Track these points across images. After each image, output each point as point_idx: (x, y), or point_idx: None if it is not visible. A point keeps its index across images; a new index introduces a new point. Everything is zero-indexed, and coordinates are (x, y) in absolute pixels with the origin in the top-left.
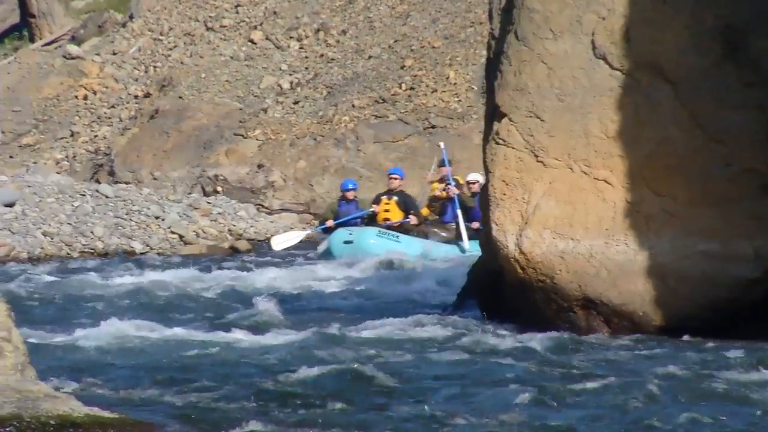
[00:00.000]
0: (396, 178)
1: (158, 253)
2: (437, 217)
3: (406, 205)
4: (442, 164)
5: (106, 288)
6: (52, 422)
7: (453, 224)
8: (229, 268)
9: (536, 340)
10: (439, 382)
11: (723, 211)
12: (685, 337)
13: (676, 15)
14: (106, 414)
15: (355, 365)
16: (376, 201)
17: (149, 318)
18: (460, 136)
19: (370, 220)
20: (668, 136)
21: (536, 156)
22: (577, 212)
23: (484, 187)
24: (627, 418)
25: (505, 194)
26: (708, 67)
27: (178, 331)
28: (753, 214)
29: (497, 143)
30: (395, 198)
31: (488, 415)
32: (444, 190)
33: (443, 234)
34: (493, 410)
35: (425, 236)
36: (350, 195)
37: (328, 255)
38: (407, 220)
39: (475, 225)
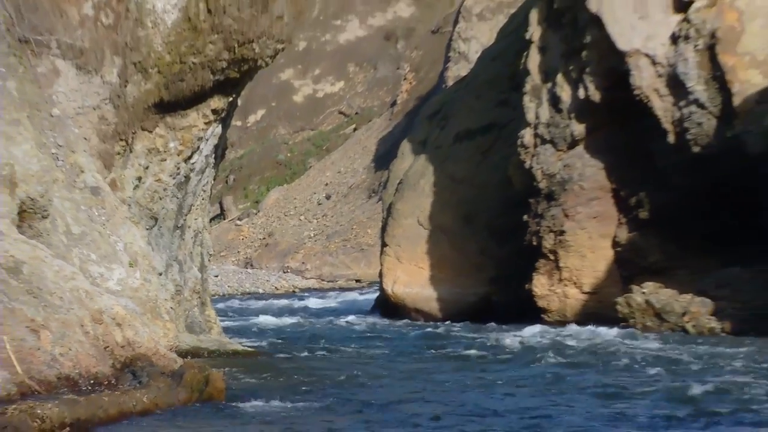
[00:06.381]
0: None
1: (267, 293)
2: None
3: None
4: None
5: (250, 305)
6: (230, 351)
7: None
8: (290, 299)
9: (401, 325)
10: (358, 341)
11: (465, 278)
12: (455, 324)
13: (448, 209)
14: (252, 350)
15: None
16: None
17: (271, 315)
18: (373, 253)
19: None
20: (444, 253)
21: (398, 260)
22: (413, 279)
23: (381, 270)
24: (425, 352)
25: (388, 272)
26: (461, 227)
27: (279, 321)
28: (476, 279)
29: (384, 255)
30: None
31: (383, 356)
32: None
33: None
34: (389, 354)
35: None
36: None
37: None
38: None
39: None
